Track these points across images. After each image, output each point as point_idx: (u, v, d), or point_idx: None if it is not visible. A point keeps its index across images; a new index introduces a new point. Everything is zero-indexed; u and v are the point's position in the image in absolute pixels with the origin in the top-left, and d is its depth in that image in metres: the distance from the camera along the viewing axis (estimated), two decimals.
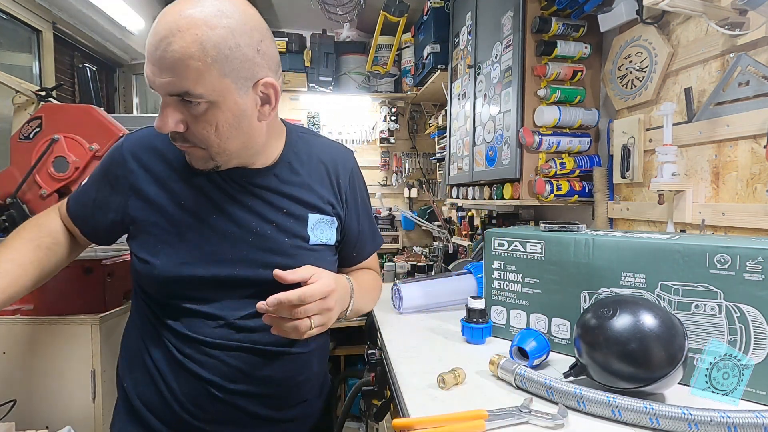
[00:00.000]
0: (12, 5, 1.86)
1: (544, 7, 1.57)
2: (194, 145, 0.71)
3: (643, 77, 1.34)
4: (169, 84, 0.64)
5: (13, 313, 1.25)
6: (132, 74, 2.90)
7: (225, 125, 0.69)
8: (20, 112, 1.52)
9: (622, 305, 0.71)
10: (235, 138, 0.71)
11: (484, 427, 0.63)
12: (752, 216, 1.01)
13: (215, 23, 0.63)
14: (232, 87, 0.67)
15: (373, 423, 1.58)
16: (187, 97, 0.65)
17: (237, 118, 0.69)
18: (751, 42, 1.01)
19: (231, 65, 0.65)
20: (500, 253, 1.01)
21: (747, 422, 0.56)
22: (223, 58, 0.64)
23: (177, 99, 0.66)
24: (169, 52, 0.62)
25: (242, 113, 0.70)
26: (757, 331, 0.69)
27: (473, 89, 1.99)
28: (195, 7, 0.64)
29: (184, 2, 0.64)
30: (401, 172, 3.56)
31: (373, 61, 3.17)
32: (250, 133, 0.73)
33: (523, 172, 1.59)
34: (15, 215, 1.35)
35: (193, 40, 0.62)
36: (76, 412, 1.21)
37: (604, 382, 0.71)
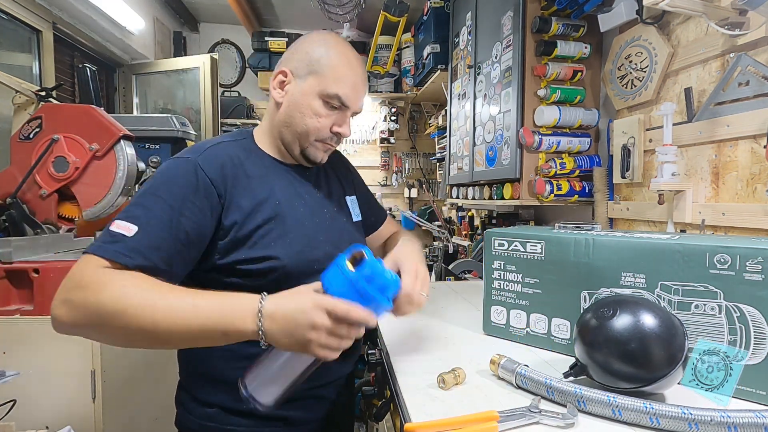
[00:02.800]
0: (12, 5, 1.86)
1: (544, 7, 1.57)
2: (336, 146, 0.93)
3: (643, 77, 1.34)
4: (360, 106, 0.91)
5: (13, 313, 1.25)
6: (132, 74, 2.90)
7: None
8: (20, 112, 1.52)
9: (622, 305, 0.71)
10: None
11: (497, 429, 0.63)
12: (752, 216, 1.01)
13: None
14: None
15: (373, 423, 1.58)
16: (355, 115, 0.91)
17: None
18: (751, 42, 1.02)
19: None
20: (500, 253, 1.01)
21: (747, 422, 0.56)
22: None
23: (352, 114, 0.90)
24: (366, 86, 0.91)
25: None
26: (757, 331, 0.69)
27: (473, 89, 1.99)
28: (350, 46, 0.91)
29: (346, 43, 0.90)
30: (401, 172, 3.56)
31: (373, 61, 3.17)
32: None
33: (523, 172, 1.59)
34: (15, 215, 1.35)
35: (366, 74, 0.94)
36: (76, 412, 1.21)
37: (604, 382, 0.71)
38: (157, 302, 0.63)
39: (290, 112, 0.87)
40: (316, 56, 0.85)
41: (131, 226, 0.69)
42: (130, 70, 2.89)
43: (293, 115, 0.86)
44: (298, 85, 0.86)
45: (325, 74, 0.84)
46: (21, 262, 1.26)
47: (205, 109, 2.80)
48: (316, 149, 0.89)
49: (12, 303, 1.27)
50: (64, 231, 1.45)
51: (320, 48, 0.86)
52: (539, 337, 0.95)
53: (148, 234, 0.69)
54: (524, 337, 0.98)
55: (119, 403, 1.31)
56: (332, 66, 0.84)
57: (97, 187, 1.40)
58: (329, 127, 0.87)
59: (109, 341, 0.70)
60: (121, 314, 0.62)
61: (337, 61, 0.85)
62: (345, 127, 0.89)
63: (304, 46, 0.87)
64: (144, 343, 0.68)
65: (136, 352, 1.41)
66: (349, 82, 0.85)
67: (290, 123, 0.87)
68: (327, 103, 0.85)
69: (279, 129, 0.89)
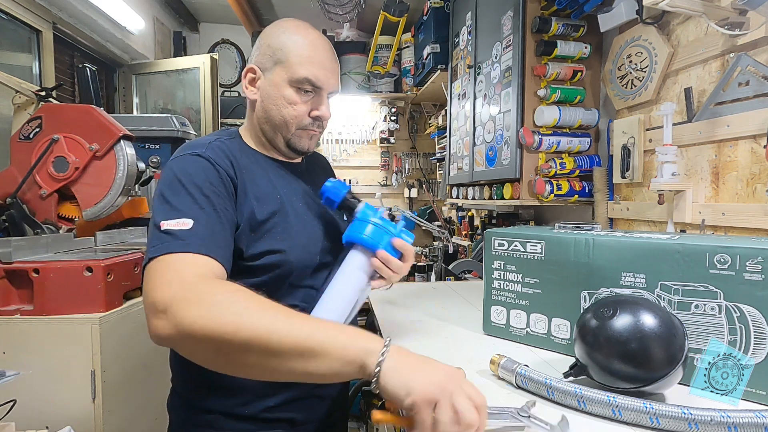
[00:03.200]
0: (12, 5, 1.86)
1: (544, 7, 1.57)
2: (321, 130, 0.92)
3: (643, 77, 1.34)
4: (335, 85, 0.88)
5: (13, 313, 1.25)
6: (132, 74, 2.90)
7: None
8: (20, 112, 1.52)
9: (622, 305, 0.71)
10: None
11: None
12: (752, 216, 1.01)
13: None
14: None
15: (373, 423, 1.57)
16: (332, 94, 0.90)
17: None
18: (751, 42, 1.01)
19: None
20: (500, 253, 1.01)
21: (747, 422, 0.56)
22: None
23: (328, 95, 0.88)
24: (336, 63, 0.89)
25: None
26: (757, 331, 0.69)
27: (473, 89, 1.99)
28: (311, 27, 0.89)
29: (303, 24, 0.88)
30: (401, 172, 3.56)
31: (373, 61, 3.17)
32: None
33: (523, 172, 1.59)
34: (15, 215, 1.35)
35: (336, 56, 0.91)
36: (76, 412, 1.21)
37: (604, 382, 0.71)
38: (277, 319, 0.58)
39: (266, 107, 0.86)
40: (278, 45, 0.84)
41: (184, 221, 0.68)
42: (130, 70, 2.89)
43: (269, 108, 0.86)
44: (267, 78, 0.86)
45: (289, 60, 0.83)
46: (21, 262, 1.26)
47: (205, 109, 2.80)
48: (300, 138, 0.88)
49: (12, 303, 1.27)
50: (64, 231, 1.45)
51: (280, 36, 0.85)
52: (539, 337, 0.95)
53: (203, 224, 0.69)
54: (524, 337, 0.98)
55: (119, 403, 1.31)
56: (295, 50, 0.83)
57: (97, 187, 1.40)
58: (307, 113, 0.86)
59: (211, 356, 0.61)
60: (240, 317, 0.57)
61: (299, 45, 0.84)
62: (323, 109, 0.87)
63: (265, 40, 0.87)
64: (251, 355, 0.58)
65: (136, 352, 1.41)
66: (316, 62, 0.84)
67: (268, 117, 0.87)
68: (299, 89, 0.84)
69: (260, 126, 0.89)
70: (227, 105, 3.23)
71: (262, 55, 0.87)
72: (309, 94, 0.85)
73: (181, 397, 0.88)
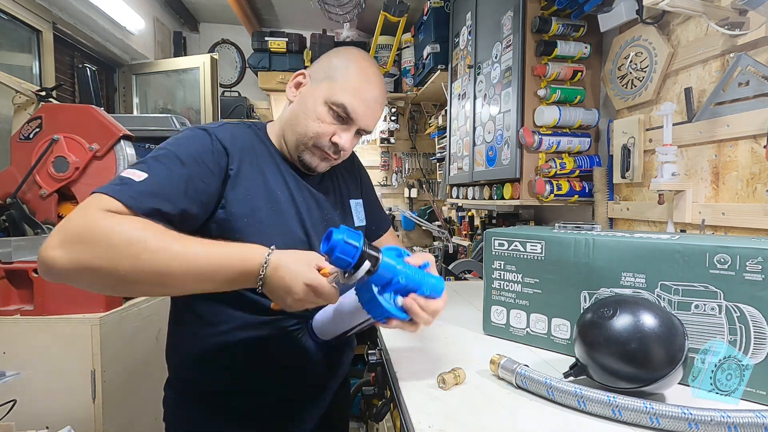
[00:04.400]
0: (12, 5, 1.86)
1: (544, 7, 1.57)
2: (337, 158, 0.89)
3: (643, 77, 1.34)
4: (369, 124, 0.87)
5: (13, 313, 1.25)
6: (132, 74, 2.90)
7: (352, 149, 0.92)
8: (20, 112, 1.52)
9: (622, 305, 0.71)
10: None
11: None
12: (752, 216, 1.01)
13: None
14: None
15: (373, 423, 1.57)
16: (363, 133, 0.89)
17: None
18: (751, 42, 1.01)
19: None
20: (500, 253, 1.01)
21: (747, 422, 0.56)
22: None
23: (357, 131, 0.88)
24: (379, 106, 0.88)
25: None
26: (757, 331, 0.69)
27: (473, 89, 1.99)
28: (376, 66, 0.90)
29: (371, 60, 0.89)
30: (401, 172, 3.56)
31: None
32: None
33: (523, 172, 1.59)
34: (15, 215, 1.35)
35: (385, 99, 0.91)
36: (76, 412, 1.21)
37: (604, 382, 0.71)
38: (173, 242, 0.63)
39: (296, 112, 0.87)
40: (336, 64, 0.86)
41: (141, 173, 0.70)
42: (130, 70, 2.89)
43: (298, 114, 0.86)
44: (311, 88, 0.87)
45: (337, 82, 0.84)
46: (21, 262, 1.26)
47: (205, 109, 2.80)
48: (312, 155, 0.87)
49: (12, 303, 1.27)
50: None
51: (343, 59, 0.86)
52: (539, 337, 0.95)
53: (156, 182, 0.70)
54: (524, 337, 0.98)
55: (119, 403, 1.31)
56: (347, 76, 0.84)
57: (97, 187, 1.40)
58: (329, 136, 0.85)
59: (105, 285, 0.64)
60: (135, 251, 0.61)
61: (354, 73, 0.84)
62: (345, 138, 0.85)
63: (330, 56, 0.89)
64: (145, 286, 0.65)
65: (136, 352, 1.41)
66: (359, 95, 0.84)
67: (294, 123, 0.87)
68: (332, 111, 0.84)
69: (284, 127, 0.89)
70: (227, 105, 3.23)
71: (319, 67, 0.88)
72: (339, 120, 0.85)
73: (172, 386, 0.89)
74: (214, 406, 0.84)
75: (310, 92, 0.86)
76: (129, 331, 1.37)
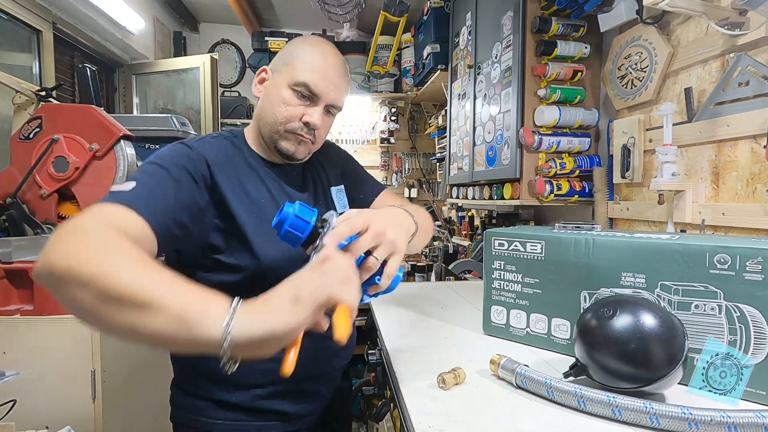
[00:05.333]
0: (12, 5, 1.86)
1: (544, 7, 1.57)
2: (312, 140, 0.89)
3: (643, 77, 1.34)
4: (335, 99, 0.88)
5: (13, 313, 1.25)
6: (132, 74, 2.90)
7: (328, 130, 0.94)
8: (20, 112, 1.52)
9: (622, 305, 0.71)
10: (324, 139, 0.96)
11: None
12: (752, 216, 1.01)
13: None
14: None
15: (373, 423, 1.57)
16: (333, 110, 0.90)
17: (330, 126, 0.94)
18: (751, 42, 1.01)
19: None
20: (500, 253, 1.01)
21: (747, 422, 0.56)
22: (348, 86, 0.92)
23: (327, 108, 0.88)
24: (342, 80, 0.89)
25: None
26: (757, 331, 0.69)
27: (473, 89, 1.99)
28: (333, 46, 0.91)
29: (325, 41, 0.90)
30: (401, 172, 3.56)
31: (373, 61, 3.17)
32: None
33: (523, 172, 1.59)
34: (15, 215, 1.35)
35: (347, 75, 0.92)
36: (76, 412, 1.21)
37: (604, 382, 0.71)
38: (144, 268, 0.54)
39: (264, 105, 0.89)
40: (292, 51, 0.88)
41: (129, 183, 0.71)
42: (130, 70, 2.89)
43: (266, 107, 0.88)
44: (273, 79, 0.89)
45: (295, 65, 0.86)
46: (21, 262, 1.26)
47: (205, 109, 2.80)
48: (288, 141, 0.87)
49: (12, 303, 1.27)
50: None
51: (299, 45, 0.89)
52: (539, 337, 0.95)
53: (146, 189, 0.71)
54: (524, 337, 0.98)
55: (119, 403, 1.31)
56: (303, 57, 0.86)
57: (97, 187, 1.40)
58: (299, 117, 0.86)
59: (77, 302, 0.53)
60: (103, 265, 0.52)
61: (310, 53, 0.86)
62: (314, 116, 0.86)
63: (286, 47, 0.91)
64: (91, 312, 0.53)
65: (136, 352, 1.41)
66: (319, 71, 0.85)
67: (263, 115, 0.88)
68: (296, 92, 0.85)
69: (258, 124, 0.90)
70: (227, 105, 3.23)
71: (277, 59, 0.90)
72: (305, 100, 0.86)
73: (177, 386, 0.90)
74: (222, 400, 0.85)
75: (273, 83, 0.88)
76: None
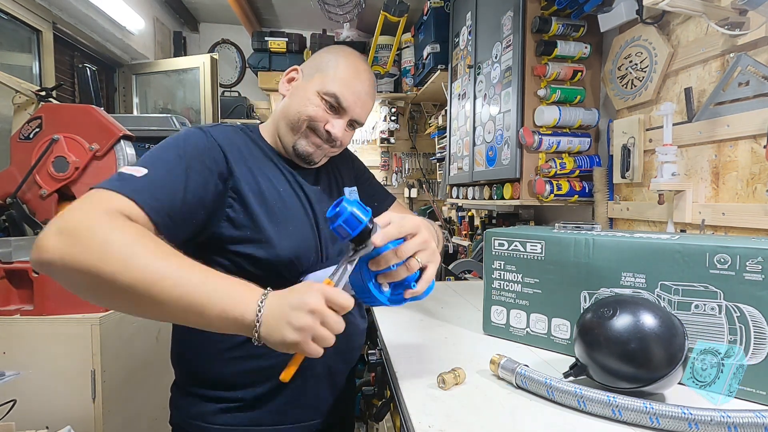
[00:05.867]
0: (12, 5, 1.86)
1: (544, 7, 1.57)
2: (333, 148, 0.91)
3: (643, 77, 1.34)
4: (360, 114, 0.90)
5: (13, 313, 1.25)
6: (132, 74, 2.90)
7: (348, 142, 0.95)
8: (20, 112, 1.52)
9: (622, 305, 0.71)
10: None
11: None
12: (752, 216, 1.01)
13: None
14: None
15: (373, 423, 1.58)
16: (356, 124, 0.92)
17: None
18: (751, 42, 1.01)
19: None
20: (500, 253, 1.01)
21: (747, 422, 0.56)
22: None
23: (350, 122, 0.90)
24: (370, 97, 0.91)
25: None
26: (757, 331, 0.69)
27: (473, 89, 1.99)
28: (366, 62, 0.93)
29: (360, 56, 0.92)
30: (401, 172, 3.56)
31: (373, 61, 3.17)
32: None
33: (523, 172, 1.59)
34: (15, 215, 1.35)
35: (374, 91, 0.94)
36: (76, 412, 1.21)
37: (604, 382, 0.71)
38: (168, 260, 0.59)
39: (289, 103, 0.89)
40: (327, 60, 0.89)
41: (141, 169, 0.69)
42: (130, 70, 2.89)
43: (292, 104, 0.88)
44: (303, 82, 0.90)
45: (328, 74, 0.87)
46: (21, 262, 1.26)
47: (205, 109, 2.80)
48: (308, 141, 0.87)
49: (12, 303, 1.27)
50: None
51: (334, 55, 0.90)
52: (539, 337, 0.95)
53: (158, 177, 0.70)
54: (524, 337, 0.98)
55: (119, 403, 1.31)
56: (337, 69, 0.87)
57: None
58: (323, 122, 0.86)
59: (85, 286, 0.59)
60: (129, 259, 0.57)
61: (344, 66, 0.88)
62: (337, 128, 0.87)
63: (321, 52, 0.93)
64: (126, 297, 0.58)
65: (136, 352, 1.41)
66: (349, 86, 0.87)
67: (287, 112, 0.89)
68: (324, 100, 0.86)
69: (277, 121, 0.91)
70: (227, 105, 3.23)
71: (311, 62, 0.91)
72: (332, 110, 0.87)
73: (179, 389, 0.89)
74: (223, 405, 0.84)
75: (302, 85, 0.89)
76: (129, 331, 1.37)
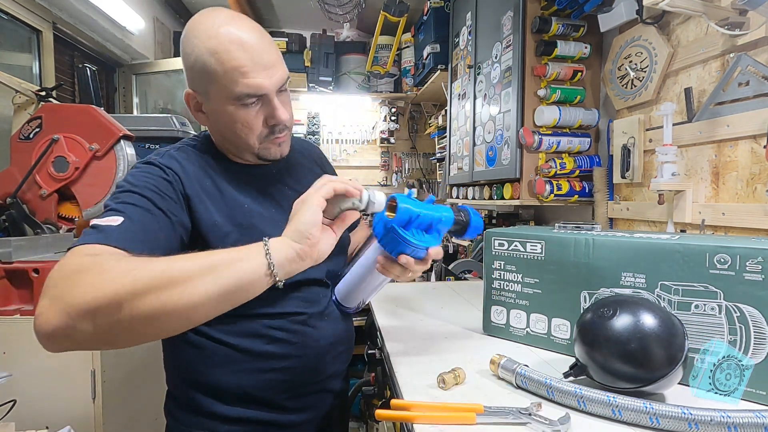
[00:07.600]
0: (12, 5, 1.86)
1: (544, 7, 1.57)
2: (288, 131, 0.84)
3: (643, 77, 1.34)
4: (280, 78, 0.78)
5: (13, 313, 1.25)
6: (132, 74, 2.90)
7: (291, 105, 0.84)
8: (20, 112, 1.52)
9: (622, 305, 0.71)
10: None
11: (475, 420, 0.63)
12: (752, 216, 1.01)
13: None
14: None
15: (373, 423, 1.58)
16: (284, 85, 0.79)
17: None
18: (751, 42, 1.01)
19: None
20: (500, 253, 1.01)
21: (747, 422, 0.56)
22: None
23: (279, 92, 0.79)
24: (270, 50, 0.77)
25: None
26: (757, 331, 0.69)
27: (473, 89, 1.99)
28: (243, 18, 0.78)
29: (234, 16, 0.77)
30: (401, 172, 3.56)
31: (373, 61, 3.16)
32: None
33: (523, 172, 1.59)
34: (15, 215, 1.35)
35: (268, 36, 0.79)
36: (76, 412, 1.21)
37: (604, 382, 0.71)
38: (168, 259, 0.60)
39: (220, 129, 0.83)
40: (199, 62, 0.75)
41: (117, 218, 0.66)
42: (130, 70, 2.89)
43: (224, 131, 0.82)
44: (208, 102, 0.80)
45: (218, 79, 0.74)
46: (21, 262, 1.26)
47: None
48: (268, 149, 0.83)
49: (12, 303, 1.27)
50: (64, 231, 1.45)
51: (198, 49, 0.75)
52: (539, 337, 0.95)
53: (135, 221, 0.67)
54: (524, 337, 0.98)
55: (119, 403, 1.31)
56: (219, 64, 0.73)
57: (97, 187, 1.40)
58: (263, 125, 0.80)
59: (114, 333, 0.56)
60: (135, 270, 0.56)
61: (225, 52, 0.73)
62: (279, 113, 0.79)
63: (185, 61, 0.78)
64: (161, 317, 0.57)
65: (136, 351, 1.41)
66: (247, 68, 0.74)
67: (227, 137, 0.83)
68: (243, 104, 0.76)
69: (225, 145, 0.86)
70: None
71: (191, 79, 0.79)
72: (256, 105, 0.78)
73: (174, 399, 0.87)
74: (218, 413, 0.83)
75: (211, 107, 0.80)
76: None
